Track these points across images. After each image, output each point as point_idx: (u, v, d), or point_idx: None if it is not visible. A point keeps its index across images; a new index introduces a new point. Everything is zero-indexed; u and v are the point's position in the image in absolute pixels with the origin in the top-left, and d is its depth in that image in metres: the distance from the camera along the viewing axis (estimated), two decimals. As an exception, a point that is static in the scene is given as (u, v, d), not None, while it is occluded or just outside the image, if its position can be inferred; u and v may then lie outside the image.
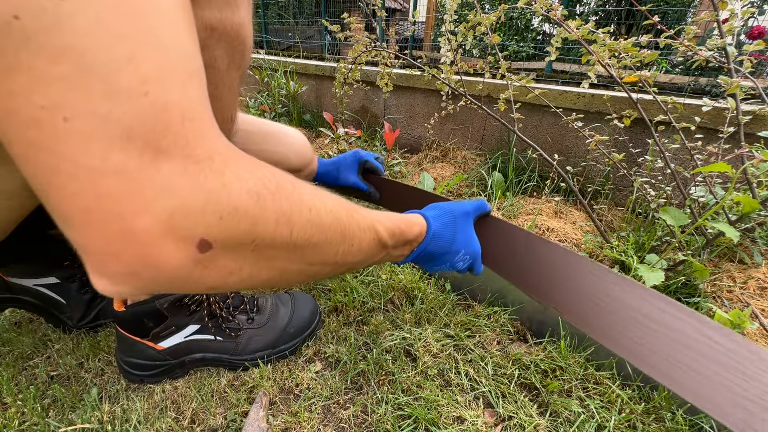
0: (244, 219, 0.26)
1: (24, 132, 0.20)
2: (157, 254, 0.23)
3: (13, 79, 0.19)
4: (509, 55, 3.79)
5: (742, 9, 0.85)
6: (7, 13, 0.18)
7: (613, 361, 0.66)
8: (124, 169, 0.21)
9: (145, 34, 0.21)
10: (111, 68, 0.20)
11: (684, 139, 0.94)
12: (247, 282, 0.30)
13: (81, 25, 0.19)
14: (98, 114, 0.20)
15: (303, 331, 0.71)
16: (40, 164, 0.21)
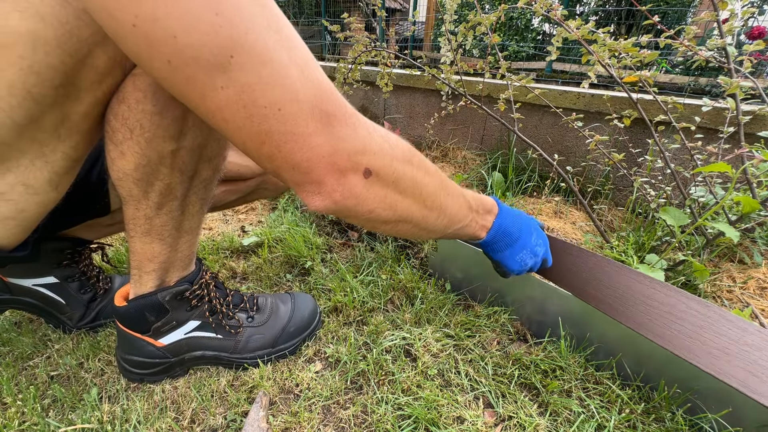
0: (385, 155, 0.39)
1: (258, 125, 0.32)
2: (345, 179, 0.37)
3: (246, 93, 0.30)
4: (509, 55, 3.79)
5: (742, 9, 0.85)
6: (225, 55, 0.28)
7: (613, 361, 0.66)
8: (319, 131, 0.33)
9: (295, 39, 0.32)
10: (292, 68, 0.31)
11: (684, 139, 0.94)
12: (388, 213, 0.42)
13: (274, 48, 0.30)
14: (296, 100, 0.31)
15: (303, 331, 0.71)
16: (272, 141, 0.33)
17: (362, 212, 0.40)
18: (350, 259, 1.00)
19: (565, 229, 1.19)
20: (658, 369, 0.62)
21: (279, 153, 0.33)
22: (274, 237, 1.06)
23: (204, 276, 0.62)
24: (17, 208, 0.41)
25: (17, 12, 0.30)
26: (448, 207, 0.48)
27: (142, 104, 0.41)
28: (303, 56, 0.32)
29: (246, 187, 0.73)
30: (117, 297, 0.60)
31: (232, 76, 0.29)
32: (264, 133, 0.32)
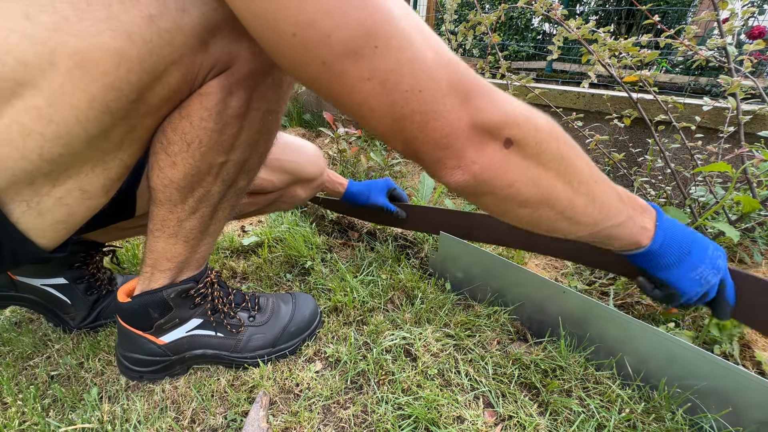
0: (527, 125, 0.37)
1: (401, 109, 0.33)
2: (485, 150, 0.36)
3: (390, 80, 0.31)
4: (509, 54, 3.79)
5: (743, 9, 0.85)
6: (371, 46, 0.30)
7: (613, 360, 0.66)
8: (458, 106, 0.34)
9: (423, 24, 0.34)
10: (428, 51, 0.33)
11: (684, 139, 0.94)
12: (530, 189, 0.39)
13: (410, 33, 0.32)
14: (434, 79, 0.33)
15: (303, 331, 0.71)
16: (414, 123, 0.34)
17: (502, 185, 0.38)
18: (350, 258, 1.00)
19: (565, 228, 1.19)
20: (658, 369, 0.62)
21: (420, 133, 0.34)
22: (274, 237, 1.06)
23: (209, 275, 0.62)
24: (69, 212, 0.42)
25: (109, 30, 0.32)
26: (599, 195, 0.42)
27: (206, 122, 0.43)
28: (434, 39, 0.34)
29: (265, 200, 0.75)
30: (120, 293, 0.60)
31: (376, 65, 0.30)
32: (406, 117, 0.33)
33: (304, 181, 0.76)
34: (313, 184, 0.80)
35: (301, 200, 0.81)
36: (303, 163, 0.74)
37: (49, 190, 0.39)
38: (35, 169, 0.36)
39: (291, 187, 0.75)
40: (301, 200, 0.81)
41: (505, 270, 0.80)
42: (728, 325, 0.73)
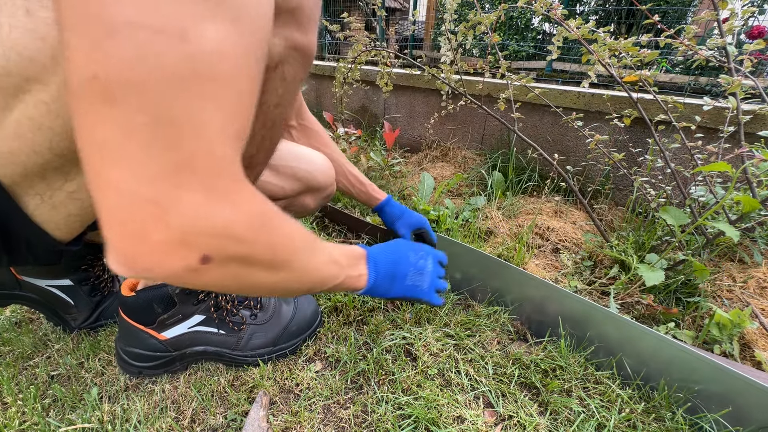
0: (242, 244, 0.32)
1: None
2: (169, 261, 0.29)
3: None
4: (509, 54, 3.79)
5: (743, 8, 0.85)
6: None
7: (613, 360, 0.66)
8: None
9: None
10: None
11: (684, 139, 0.94)
12: (224, 287, 0.36)
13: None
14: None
15: (304, 330, 0.72)
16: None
17: (192, 286, 0.34)
18: (350, 258, 1.00)
19: (565, 228, 1.19)
20: (658, 369, 0.62)
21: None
22: (274, 237, 1.06)
23: None
24: (83, 206, 0.42)
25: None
26: (314, 273, 0.44)
27: None
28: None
29: None
30: (123, 287, 0.60)
31: None
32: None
33: (314, 190, 0.76)
34: (323, 194, 0.80)
35: (310, 210, 0.80)
36: (314, 172, 0.74)
37: (62, 185, 0.39)
38: (46, 163, 0.36)
39: (301, 195, 0.75)
40: (310, 210, 0.80)
41: (504, 270, 0.80)
42: (728, 325, 0.73)
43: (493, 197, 1.40)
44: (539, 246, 1.13)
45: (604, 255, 1.04)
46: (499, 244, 1.11)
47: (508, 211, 1.30)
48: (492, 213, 1.27)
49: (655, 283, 0.81)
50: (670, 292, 0.90)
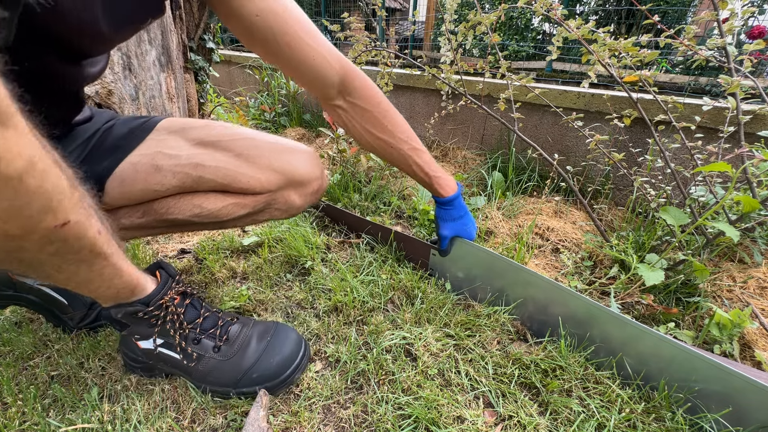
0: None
1: None
2: None
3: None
4: (509, 54, 3.79)
5: (743, 8, 0.85)
6: None
7: (613, 360, 0.66)
8: None
9: None
10: None
11: (684, 139, 0.94)
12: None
13: None
14: None
15: (267, 380, 0.61)
16: None
17: None
18: (350, 258, 1.00)
19: (565, 228, 1.19)
20: (658, 369, 0.62)
21: None
22: (274, 237, 1.06)
23: (165, 296, 0.58)
24: None
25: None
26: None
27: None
28: None
29: (255, 202, 0.69)
30: None
31: None
32: None
33: (297, 183, 0.69)
34: (308, 188, 0.72)
35: (297, 208, 0.74)
36: (293, 162, 0.68)
37: None
38: None
39: (283, 191, 0.69)
40: (297, 208, 0.74)
41: (506, 270, 0.80)
42: (729, 325, 0.73)
43: (493, 197, 1.40)
44: (539, 246, 1.13)
45: (604, 255, 1.04)
46: (499, 244, 1.11)
47: (508, 211, 1.30)
48: (492, 213, 1.27)
49: (655, 283, 0.81)
50: (670, 292, 0.90)
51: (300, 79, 0.67)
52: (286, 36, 0.60)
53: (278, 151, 0.67)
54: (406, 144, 0.75)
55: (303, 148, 0.71)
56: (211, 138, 0.63)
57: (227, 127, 0.66)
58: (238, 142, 0.64)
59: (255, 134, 0.67)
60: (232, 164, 0.63)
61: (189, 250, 1.05)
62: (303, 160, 0.70)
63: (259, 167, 0.65)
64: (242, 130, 0.67)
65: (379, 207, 1.32)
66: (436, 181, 0.78)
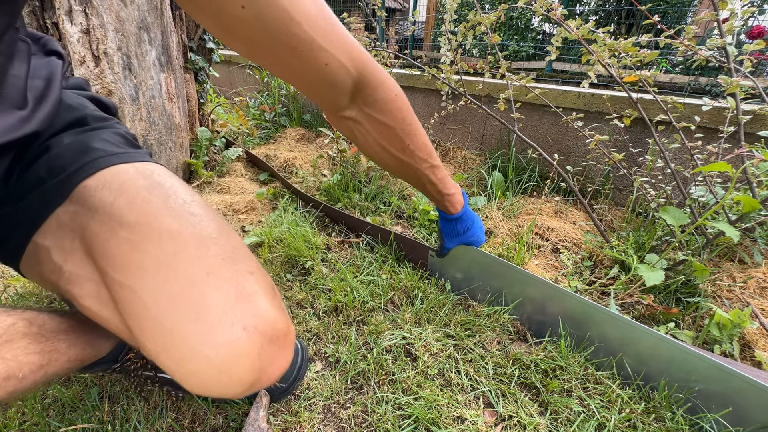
0: None
1: None
2: None
3: None
4: (509, 54, 3.79)
5: (742, 8, 0.85)
6: None
7: (613, 360, 0.66)
8: None
9: None
10: None
11: (684, 139, 0.94)
12: None
13: None
14: None
15: (269, 392, 0.60)
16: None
17: None
18: (350, 258, 1.00)
19: (565, 228, 1.19)
20: (658, 369, 0.62)
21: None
22: (274, 237, 1.06)
23: (130, 353, 0.56)
24: None
25: None
26: None
27: None
28: None
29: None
30: None
31: None
32: None
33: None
34: (210, 392, 0.40)
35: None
36: (176, 368, 0.36)
37: None
38: None
39: None
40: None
41: (505, 270, 0.80)
42: (729, 325, 0.73)
43: (493, 197, 1.40)
44: (539, 246, 1.13)
45: (604, 255, 1.04)
46: (499, 245, 1.11)
47: (508, 211, 1.30)
48: (492, 213, 1.27)
49: (655, 283, 0.81)
50: (670, 292, 0.90)
51: (306, 88, 0.48)
52: (291, 38, 0.40)
53: (166, 327, 0.36)
54: (426, 163, 0.62)
55: (217, 330, 0.36)
56: (105, 252, 0.38)
57: (141, 231, 0.38)
58: (124, 290, 0.37)
59: (160, 270, 0.37)
60: (113, 322, 0.40)
61: (189, 250, 1.05)
62: (197, 352, 0.35)
63: (140, 344, 0.38)
64: (157, 244, 0.38)
65: (379, 207, 1.32)
66: (449, 200, 0.70)
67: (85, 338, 0.45)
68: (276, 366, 0.40)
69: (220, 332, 0.35)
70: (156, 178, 0.43)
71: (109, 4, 0.92)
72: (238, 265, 0.40)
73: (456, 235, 0.78)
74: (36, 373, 0.37)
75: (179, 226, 0.39)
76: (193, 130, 1.49)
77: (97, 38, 0.90)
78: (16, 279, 0.87)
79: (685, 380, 0.59)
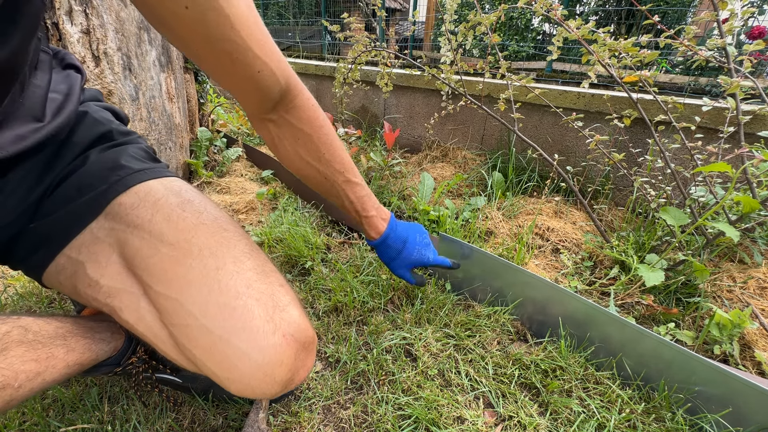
0: None
1: None
2: None
3: None
4: (509, 54, 3.79)
5: (742, 9, 0.85)
6: None
7: (613, 361, 0.66)
8: None
9: None
10: None
11: (684, 139, 0.94)
12: None
13: None
14: None
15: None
16: None
17: None
18: (350, 259, 1.00)
19: (565, 229, 1.19)
20: (658, 369, 0.62)
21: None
22: (274, 237, 1.06)
23: (132, 357, 0.53)
24: None
25: None
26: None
27: None
28: None
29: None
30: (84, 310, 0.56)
31: None
32: None
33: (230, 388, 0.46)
34: (253, 393, 0.45)
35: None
36: (226, 382, 0.42)
37: None
38: None
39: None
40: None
41: (505, 271, 0.80)
42: (729, 325, 0.73)
43: (493, 197, 1.40)
44: (539, 246, 1.13)
45: (605, 255, 1.04)
46: (499, 245, 1.11)
47: (508, 211, 1.30)
48: (492, 213, 1.27)
49: (655, 283, 0.81)
50: (670, 292, 0.90)
51: (236, 90, 0.49)
52: (230, 44, 0.41)
53: (216, 334, 0.40)
54: (341, 176, 0.62)
55: (251, 332, 0.41)
56: (148, 267, 0.42)
57: (182, 248, 0.43)
58: (171, 303, 0.41)
59: (205, 283, 0.42)
60: (151, 332, 0.43)
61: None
62: (243, 367, 0.40)
63: (181, 352, 0.43)
64: (199, 260, 0.43)
65: (379, 207, 1.32)
66: (367, 222, 0.67)
67: (83, 342, 0.45)
68: (305, 368, 0.46)
69: (265, 339, 0.40)
70: (185, 195, 0.48)
71: (110, 4, 0.92)
72: (270, 278, 0.45)
73: (390, 261, 0.72)
74: (33, 381, 0.38)
75: (216, 242, 0.44)
76: (193, 130, 1.49)
77: (97, 38, 0.90)
78: (16, 279, 0.87)
79: (685, 381, 0.59)
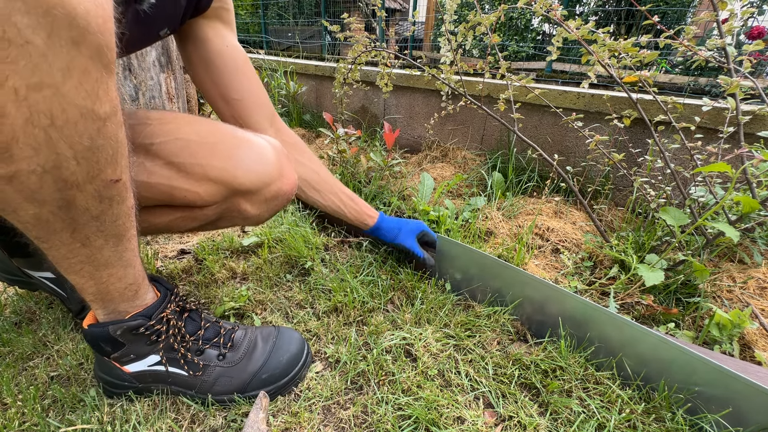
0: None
1: None
2: None
3: None
4: (509, 55, 3.79)
5: (742, 9, 0.85)
6: None
7: (613, 361, 0.66)
8: None
9: None
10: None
11: (684, 139, 0.94)
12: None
13: None
14: None
15: (278, 379, 0.62)
16: None
17: None
18: (350, 259, 1.00)
19: (565, 229, 1.19)
20: (658, 369, 0.62)
21: None
22: (274, 237, 1.06)
23: (166, 309, 0.55)
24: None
25: None
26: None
27: None
28: None
29: (204, 216, 0.62)
30: (87, 316, 0.56)
31: None
32: None
33: (243, 192, 0.60)
34: (261, 195, 0.62)
35: (255, 218, 0.65)
36: (232, 170, 0.57)
37: None
38: None
39: (232, 199, 0.60)
40: (255, 218, 0.65)
41: (504, 271, 0.80)
42: (728, 326, 0.73)
43: (493, 198, 1.40)
44: (539, 246, 1.13)
45: (604, 255, 1.04)
46: (499, 245, 1.11)
47: (508, 211, 1.30)
48: (492, 213, 1.27)
49: (654, 283, 0.81)
50: (670, 292, 0.90)
51: (242, 106, 0.73)
52: (246, 72, 0.72)
53: (218, 153, 0.56)
54: (329, 175, 0.86)
55: (252, 144, 0.60)
56: (145, 139, 0.54)
57: (167, 121, 0.57)
58: (170, 145, 0.55)
59: (193, 129, 0.58)
60: (165, 176, 0.54)
61: (189, 250, 1.05)
62: (250, 161, 0.58)
63: (195, 178, 0.55)
64: (183, 124, 0.58)
65: (379, 207, 1.32)
66: (364, 206, 0.91)
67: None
68: (286, 178, 0.65)
69: (262, 144, 0.61)
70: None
71: (109, 5, 0.92)
72: (247, 131, 0.64)
73: (396, 235, 0.91)
74: None
75: (192, 117, 0.61)
76: (193, 130, 1.49)
77: (97, 38, 0.90)
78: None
79: (685, 381, 0.59)
